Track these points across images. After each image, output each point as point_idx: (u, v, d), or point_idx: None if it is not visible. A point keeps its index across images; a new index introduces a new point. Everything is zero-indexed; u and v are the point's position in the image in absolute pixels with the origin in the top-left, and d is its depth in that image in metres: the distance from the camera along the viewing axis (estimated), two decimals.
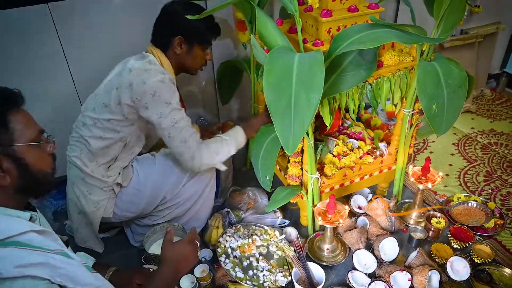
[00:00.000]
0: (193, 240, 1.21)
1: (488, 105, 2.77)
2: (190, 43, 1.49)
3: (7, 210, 0.86)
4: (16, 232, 0.79)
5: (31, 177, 0.90)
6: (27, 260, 0.77)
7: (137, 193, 1.56)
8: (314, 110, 1.09)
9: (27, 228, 0.82)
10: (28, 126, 0.90)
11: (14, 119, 0.87)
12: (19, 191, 0.89)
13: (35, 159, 0.90)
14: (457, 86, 1.40)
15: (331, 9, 1.44)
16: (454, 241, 1.65)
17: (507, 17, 2.71)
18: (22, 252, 0.78)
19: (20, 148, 0.87)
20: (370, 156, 1.80)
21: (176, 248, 1.17)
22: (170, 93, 1.38)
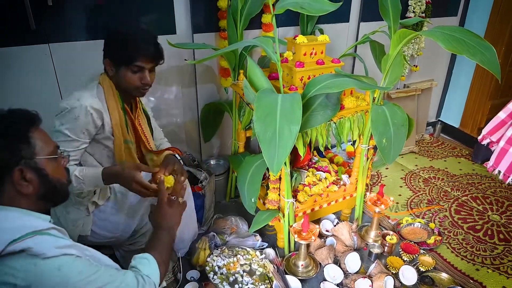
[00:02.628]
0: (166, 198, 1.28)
1: (428, 147, 3.25)
2: (116, 65, 1.44)
3: (31, 212, 0.97)
4: (44, 227, 0.92)
5: (50, 186, 1.00)
6: (63, 243, 0.91)
7: (115, 213, 1.59)
8: (294, 139, 1.39)
9: (50, 226, 0.95)
10: (46, 142, 1.01)
11: (35, 136, 0.98)
12: (40, 198, 0.99)
13: (53, 170, 1.01)
14: (400, 125, 1.76)
15: (303, 61, 1.80)
16: (404, 254, 1.96)
17: (438, 75, 3.28)
18: (56, 238, 0.92)
19: (40, 160, 0.97)
20: (335, 185, 2.11)
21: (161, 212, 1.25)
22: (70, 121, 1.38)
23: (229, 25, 1.96)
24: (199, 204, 2.10)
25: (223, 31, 2.12)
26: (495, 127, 1.35)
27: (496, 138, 1.35)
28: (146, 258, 1.12)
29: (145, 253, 1.14)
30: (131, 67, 1.43)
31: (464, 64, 3.19)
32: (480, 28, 2.94)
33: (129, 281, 1.02)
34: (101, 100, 1.45)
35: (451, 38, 1.34)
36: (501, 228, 2.24)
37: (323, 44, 1.85)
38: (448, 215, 2.36)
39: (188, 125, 2.38)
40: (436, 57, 3.16)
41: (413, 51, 2.90)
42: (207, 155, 2.52)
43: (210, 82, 2.32)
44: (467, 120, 3.23)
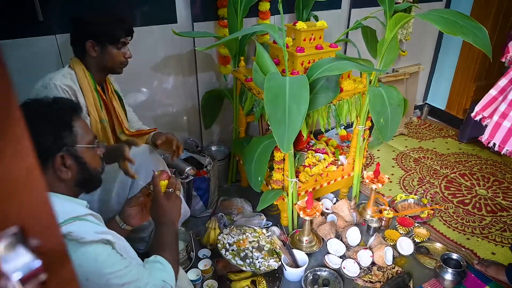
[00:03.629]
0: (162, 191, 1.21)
1: (416, 129, 3.39)
2: (101, 44, 1.52)
3: (71, 198, 1.02)
4: (82, 213, 0.96)
5: (87, 173, 1.04)
6: (100, 229, 0.96)
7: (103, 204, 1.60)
8: (303, 118, 1.49)
9: (88, 212, 0.99)
10: (86, 131, 1.05)
11: (77, 125, 1.02)
12: (77, 185, 1.04)
13: (90, 159, 1.05)
14: (397, 105, 1.88)
15: (303, 46, 1.89)
16: (400, 227, 2.09)
17: (425, 59, 3.42)
18: (94, 224, 0.96)
19: (80, 149, 1.01)
20: (334, 166, 2.22)
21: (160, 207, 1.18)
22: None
23: (229, 14, 2.02)
24: (204, 187, 2.18)
25: (222, 20, 2.19)
26: (487, 104, 1.46)
27: (488, 114, 1.46)
28: (160, 262, 1.09)
29: (156, 255, 1.10)
30: (116, 44, 1.54)
31: (449, 48, 3.33)
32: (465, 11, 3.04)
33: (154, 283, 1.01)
34: (74, 81, 1.51)
35: (446, 21, 1.44)
36: (488, 201, 2.40)
37: (321, 30, 1.94)
38: (438, 191, 2.51)
39: (189, 112, 2.44)
40: (423, 42, 3.29)
41: (402, 36, 3.02)
42: (208, 141, 2.60)
43: (210, 70, 2.39)
44: (453, 102, 3.38)
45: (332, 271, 1.82)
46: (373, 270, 1.83)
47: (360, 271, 1.83)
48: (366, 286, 1.78)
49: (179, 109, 2.40)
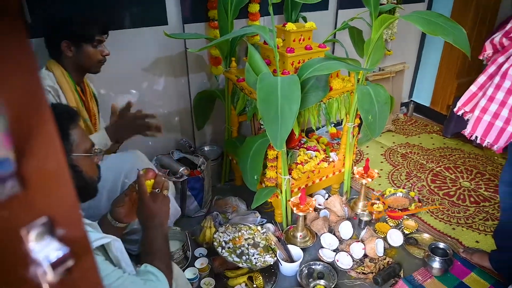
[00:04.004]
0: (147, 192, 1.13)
1: (403, 125, 3.49)
2: (76, 44, 1.52)
3: None
4: None
5: (83, 182, 1.01)
6: (94, 235, 0.94)
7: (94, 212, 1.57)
8: (294, 116, 1.54)
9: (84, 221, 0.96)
10: (83, 139, 1.02)
11: (73, 133, 0.99)
12: None
13: (87, 167, 1.02)
14: (384, 103, 1.95)
15: (293, 47, 1.95)
16: (390, 220, 2.17)
17: (409, 58, 3.52)
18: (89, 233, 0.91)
19: (77, 157, 0.99)
20: (325, 162, 2.28)
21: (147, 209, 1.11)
22: None
23: (219, 15, 2.07)
24: (198, 187, 2.22)
25: (212, 21, 2.23)
26: (468, 99, 1.54)
27: (469, 108, 1.54)
28: (152, 273, 1.02)
29: (146, 265, 1.04)
30: (92, 42, 1.54)
31: (432, 47, 3.43)
32: (445, 13, 3.17)
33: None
34: (53, 82, 1.51)
35: (427, 22, 1.52)
36: (472, 193, 2.50)
37: (310, 31, 2.00)
38: (425, 184, 2.60)
39: (181, 113, 2.48)
40: (407, 42, 3.39)
41: (387, 36, 3.11)
42: (201, 141, 2.63)
43: (201, 71, 2.43)
44: (437, 99, 3.49)
45: (326, 264, 1.88)
46: (365, 261, 1.90)
47: (353, 263, 1.89)
48: (359, 278, 1.84)
49: (171, 110, 2.42)
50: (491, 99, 1.43)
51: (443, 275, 1.85)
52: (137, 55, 2.14)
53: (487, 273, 1.85)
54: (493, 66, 1.45)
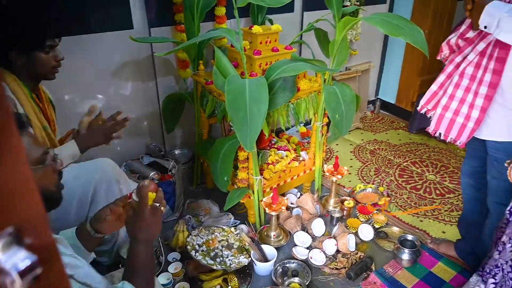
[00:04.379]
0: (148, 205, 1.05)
1: (371, 123, 3.59)
2: (26, 52, 1.44)
3: None
4: None
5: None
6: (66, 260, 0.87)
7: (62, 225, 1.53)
8: (263, 117, 1.56)
9: None
10: (32, 149, 0.92)
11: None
12: None
13: (40, 177, 0.93)
14: (350, 102, 2.00)
15: (260, 49, 1.97)
16: (360, 215, 2.23)
17: (374, 57, 3.63)
18: None
19: None
20: (296, 161, 2.32)
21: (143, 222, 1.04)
22: None
23: (186, 19, 2.06)
24: (170, 191, 2.20)
25: (179, 25, 2.22)
26: (430, 98, 1.61)
27: (431, 106, 1.61)
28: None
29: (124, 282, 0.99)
30: (44, 49, 1.46)
31: (395, 47, 3.55)
32: (406, 13, 3.30)
33: None
34: (8, 93, 1.43)
35: (388, 23, 1.57)
36: (437, 185, 2.61)
37: (276, 33, 2.03)
38: (393, 179, 2.68)
39: (150, 117, 2.45)
40: (371, 42, 3.49)
41: (352, 37, 3.19)
42: (171, 145, 2.61)
43: (169, 74, 2.41)
44: (402, 96, 3.61)
45: (300, 262, 1.91)
46: (338, 257, 1.94)
47: (326, 260, 1.93)
48: (333, 273, 1.88)
49: (139, 115, 2.39)
50: (451, 97, 1.50)
51: (413, 266, 1.92)
52: (103, 60, 2.10)
53: (454, 262, 1.94)
54: (451, 65, 1.52)
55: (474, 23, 1.33)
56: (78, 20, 1.95)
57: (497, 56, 1.34)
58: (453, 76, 1.49)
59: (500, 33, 1.25)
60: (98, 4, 1.97)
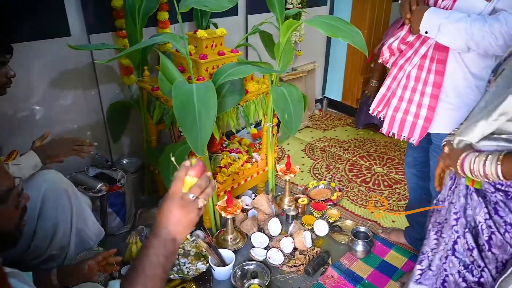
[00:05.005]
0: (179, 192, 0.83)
1: (319, 120, 3.70)
2: None
3: None
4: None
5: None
6: None
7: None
8: (213, 121, 1.55)
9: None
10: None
11: None
12: None
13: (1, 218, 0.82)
14: (297, 101, 2.04)
15: (206, 53, 1.95)
16: (315, 212, 2.28)
17: (319, 57, 3.74)
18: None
19: None
20: (249, 163, 2.32)
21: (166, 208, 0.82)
22: None
23: (127, 24, 2.00)
24: (120, 202, 2.12)
25: (120, 30, 2.14)
26: (379, 101, 1.69)
27: (381, 108, 1.69)
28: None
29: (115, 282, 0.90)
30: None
31: (338, 47, 3.69)
32: (346, 14, 3.45)
33: None
34: None
35: (328, 25, 1.63)
36: (385, 177, 2.74)
37: (221, 37, 2.03)
38: (344, 174, 2.78)
39: (94, 127, 2.34)
40: (315, 42, 3.59)
41: (296, 38, 3.26)
42: (118, 154, 2.51)
43: (112, 81, 2.32)
44: (347, 93, 3.76)
45: (259, 263, 1.92)
46: (295, 254, 1.97)
47: (284, 258, 1.95)
48: (291, 271, 1.91)
49: (82, 124, 2.27)
50: (400, 98, 1.59)
51: (367, 256, 2.00)
52: (40, 69, 1.98)
53: (404, 249, 2.04)
54: (396, 68, 1.61)
55: (413, 29, 1.42)
56: (10, 29, 1.82)
57: (438, 58, 1.45)
58: (399, 79, 1.58)
59: (441, 37, 1.35)
60: (31, 11, 1.85)
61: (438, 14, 1.35)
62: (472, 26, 1.28)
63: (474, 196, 1.12)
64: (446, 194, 1.27)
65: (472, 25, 1.28)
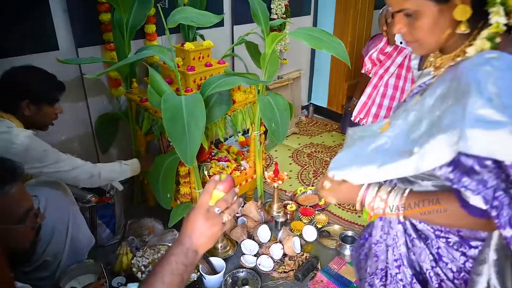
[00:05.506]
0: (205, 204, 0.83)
1: (306, 127, 3.76)
2: (37, 104, 1.58)
3: None
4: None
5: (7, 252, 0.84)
6: None
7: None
8: (202, 132, 1.59)
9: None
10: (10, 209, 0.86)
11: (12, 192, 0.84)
12: None
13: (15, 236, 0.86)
14: (284, 110, 2.09)
15: (193, 65, 1.99)
16: (303, 217, 2.33)
17: (303, 65, 3.81)
18: None
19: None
20: (237, 171, 2.36)
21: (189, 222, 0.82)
22: (40, 142, 1.55)
23: (115, 38, 2.03)
24: (110, 214, 2.14)
25: (108, 43, 2.17)
26: (361, 108, 1.76)
27: (363, 115, 1.76)
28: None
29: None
30: (52, 103, 1.64)
31: (322, 55, 3.77)
32: (329, 24, 3.54)
33: None
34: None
35: (312, 37, 1.69)
36: None
37: (208, 49, 2.07)
38: None
39: (83, 138, 2.35)
40: (300, 51, 3.67)
41: (281, 47, 3.33)
42: None
43: (101, 93, 2.34)
44: (332, 100, 3.84)
45: (249, 270, 1.95)
46: (285, 261, 2.01)
47: (274, 264, 1.98)
48: (281, 277, 1.94)
49: (71, 137, 2.28)
50: (379, 106, 1.66)
51: None
52: None
53: None
54: (375, 78, 1.68)
55: (390, 39, 1.49)
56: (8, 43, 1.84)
57: None
58: (379, 87, 1.65)
59: None
60: (19, 25, 1.87)
61: None
62: None
63: (416, 242, 0.97)
64: (378, 236, 1.09)
65: None
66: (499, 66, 0.74)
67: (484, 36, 0.79)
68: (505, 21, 0.77)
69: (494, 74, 0.72)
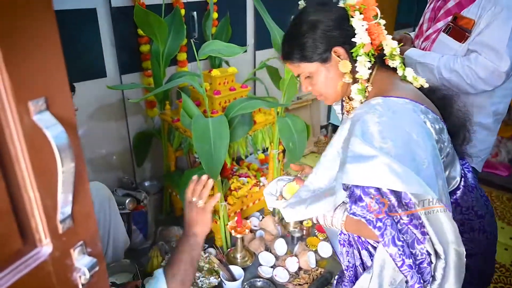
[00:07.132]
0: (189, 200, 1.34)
1: (324, 146, 3.87)
2: None
3: None
4: None
5: None
6: None
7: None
8: (226, 150, 1.80)
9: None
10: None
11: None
12: None
13: None
14: (301, 131, 2.26)
15: (219, 89, 2.23)
16: (319, 234, 2.47)
17: None
18: None
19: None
20: (257, 187, 2.55)
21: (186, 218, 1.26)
22: None
23: (153, 65, 2.30)
24: (143, 221, 2.36)
25: (146, 70, 2.46)
26: None
27: None
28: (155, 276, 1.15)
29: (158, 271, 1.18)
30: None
31: None
32: None
33: None
34: None
35: None
36: None
37: (233, 75, 2.31)
38: None
39: (122, 153, 2.61)
40: None
41: None
42: (141, 178, 2.77)
43: (138, 114, 2.61)
44: None
45: (266, 280, 2.09)
46: (300, 274, 2.14)
47: (289, 277, 2.11)
48: None
49: (112, 151, 2.55)
50: None
51: None
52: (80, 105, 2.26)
53: None
54: None
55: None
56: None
57: None
58: None
59: None
60: (77, 57, 2.18)
61: (414, 54, 1.59)
62: (440, 67, 1.51)
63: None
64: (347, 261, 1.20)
65: (440, 65, 1.51)
66: (382, 109, 0.93)
67: (355, 92, 1.03)
68: (367, 76, 1.03)
69: (377, 115, 0.91)
